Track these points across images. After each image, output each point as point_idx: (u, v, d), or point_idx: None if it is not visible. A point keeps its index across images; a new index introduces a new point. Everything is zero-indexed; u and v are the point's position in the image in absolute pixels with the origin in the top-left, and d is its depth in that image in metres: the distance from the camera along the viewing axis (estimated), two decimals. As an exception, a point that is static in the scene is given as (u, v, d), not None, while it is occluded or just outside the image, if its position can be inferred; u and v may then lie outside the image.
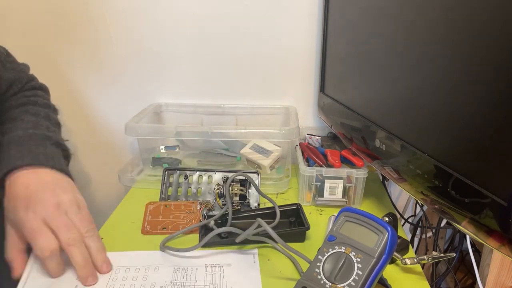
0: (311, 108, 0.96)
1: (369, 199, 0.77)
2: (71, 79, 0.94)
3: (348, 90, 0.77)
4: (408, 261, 0.55)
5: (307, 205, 0.75)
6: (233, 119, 0.96)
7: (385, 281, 0.53)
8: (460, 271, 0.92)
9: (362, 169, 0.71)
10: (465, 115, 0.43)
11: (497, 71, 0.38)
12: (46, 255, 0.50)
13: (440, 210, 0.48)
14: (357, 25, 0.70)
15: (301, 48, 0.90)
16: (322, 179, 0.72)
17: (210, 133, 0.77)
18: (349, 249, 0.46)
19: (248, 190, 0.72)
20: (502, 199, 0.38)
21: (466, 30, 0.42)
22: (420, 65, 0.51)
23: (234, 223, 0.65)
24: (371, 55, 0.65)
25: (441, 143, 0.48)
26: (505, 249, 0.39)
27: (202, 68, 0.93)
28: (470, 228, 0.44)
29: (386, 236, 0.45)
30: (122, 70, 0.93)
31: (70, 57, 0.92)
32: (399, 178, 0.58)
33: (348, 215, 0.49)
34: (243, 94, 0.95)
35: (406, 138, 0.55)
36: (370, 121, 0.65)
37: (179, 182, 0.74)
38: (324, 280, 0.45)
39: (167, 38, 0.90)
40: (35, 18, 0.89)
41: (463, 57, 0.43)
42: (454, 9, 0.44)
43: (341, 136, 0.81)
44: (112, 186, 1.03)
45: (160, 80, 0.95)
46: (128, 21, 0.89)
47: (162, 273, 0.54)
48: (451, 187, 0.45)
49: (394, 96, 0.59)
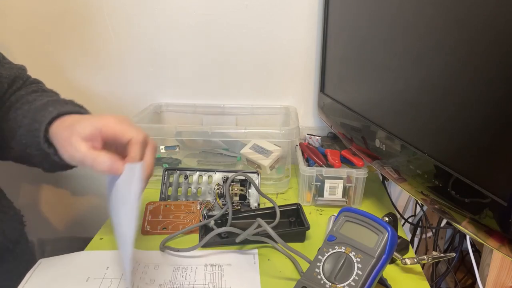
0: (311, 108, 0.96)
1: (369, 199, 0.77)
2: (71, 79, 0.94)
3: (348, 90, 0.77)
4: (408, 261, 0.55)
5: (307, 205, 0.75)
6: (233, 119, 0.96)
7: (385, 281, 0.53)
8: (460, 271, 0.92)
9: (362, 169, 0.71)
10: (465, 115, 0.43)
11: (496, 71, 0.38)
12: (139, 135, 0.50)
13: (440, 210, 0.48)
14: (357, 25, 0.70)
15: (301, 48, 0.90)
16: (322, 179, 0.72)
17: (210, 133, 0.77)
18: (349, 249, 0.46)
19: (248, 190, 0.72)
20: (502, 199, 0.38)
21: (466, 30, 0.42)
22: (419, 65, 0.51)
23: (234, 223, 0.65)
24: (371, 55, 0.65)
25: (441, 143, 0.48)
26: (505, 249, 0.39)
27: (202, 68, 0.93)
28: (470, 228, 0.44)
29: (386, 236, 0.45)
30: (122, 70, 0.93)
31: (70, 57, 0.92)
32: (399, 178, 0.58)
33: (348, 215, 0.49)
34: (243, 94, 0.95)
35: (406, 138, 0.55)
36: (370, 121, 0.65)
37: (179, 182, 0.74)
38: (324, 280, 0.45)
39: (167, 38, 0.90)
40: (35, 18, 0.89)
41: (463, 57, 0.43)
42: (453, 10, 0.44)
43: (341, 136, 0.81)
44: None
45: (160, 80, 0.95)
46: (128, 21, 0.89)
47: (162, 272, 0.54)
48: (451, 187, 0.45)
49: (394, 96, 0.59)
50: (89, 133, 0.49)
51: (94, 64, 0.93)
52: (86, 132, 0.49)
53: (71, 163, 0.53)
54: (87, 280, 0.53)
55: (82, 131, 0.49)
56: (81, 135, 0.49)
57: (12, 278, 0.53)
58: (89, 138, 0.49)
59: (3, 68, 0.61)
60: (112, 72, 0.94)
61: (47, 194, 1.06)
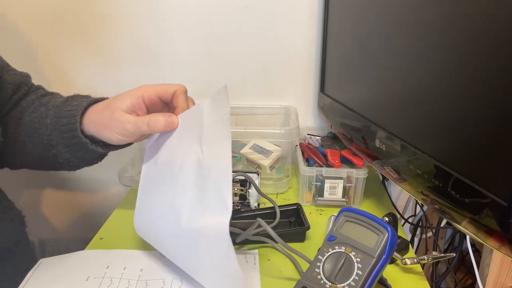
0: (311, 108, 0.96)
1: (369, 199, 0.77)
2: (71, 79, 0.94)
3: (348, 90, 0.77)
4: (408, 261, 0.55)
5: (307, 205, 0.75)
6: (233, 119, 0.96)
7: (385, 281, 0.53)
8: (460, 271, 0.92)
9: (362, 169, 0.71)
10: (465, 115, 0.43)
11: (496, 71, 0.38)
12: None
13: (440, 210, 0.48)
14: (357, 25, 0.70)
15: (301, 48, 0.90)
16: (322, 179, 0.72)
17: (210, 133, 0.77)
18: (349, 249, 0.46)
19: (248, 190, 0.71)
20: (502, 199, 0.38)
21: (466, 30, 0.42)
22: (419, 65, 0.51)
23: (234, 223, 0.65)
24: (371, 55, 0.65)
25: (441, 143, 0.48)
26: (505, 249, 0.39)
27: (202, 68, 0.93)
28: (470, 228, 0.44)
29: (386, 236, 0.45)
30: (122, 70, 0.93)
31: (70, 57, 0.92)
32: (399, 178, 0.58)
33: (348, 215, 0.49)
34: (243, 94, 0.95)
35: (406, 138, 0.55)
36: (370, 121, 0.65)
37: (179, 182, 0.74)
38: (324, 280, 0.45)
39: (167, 38, 0.90)
40: (34, 19, 0.89)
41: (463, 57, 0.43)
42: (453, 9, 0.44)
43: (341, 136, 0.81)
44: (112, 186, 1.03)
45: (160, 80, 0.94)
46: (128, 21, 0.89)
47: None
48: (451, 187, 0.45)
49: (394, 96, 0.59)
50: (130, 104, 0.51)
51: (94, 64, 0.93)
52: (128, 103, 0.51)
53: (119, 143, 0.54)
54: (87, 279, 0.53)
55: (123, 104, 0.51)
56: (122, 108, 0.50)
57: (13, 279, 0.53)
58: (131, 109, 0.51)
59: (8, 74, 0.61)
60: (112, 72, 0.94)
61: (47, 194, 1.06)
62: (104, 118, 0.52)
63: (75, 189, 1.06)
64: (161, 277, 0.53)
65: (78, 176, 1.03)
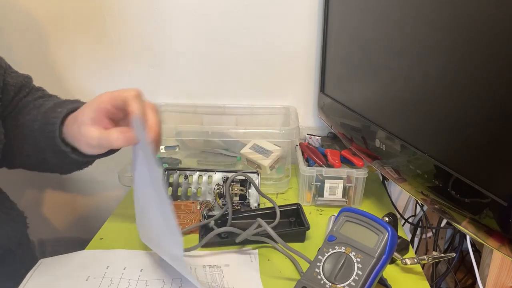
0: (311, 108, 0.96)
1: (369, 199, 0.77)
2: (71, 79, 0.94)
3: (348, 90, 0.77)
4: (408, 261, 0.55)
5: (307, 205, 0.75)
6: (233, 119, 0.96)
7: (385, 281, 0.53)
8: (460, 271, 0.92)
9: (362, 169, 0.71)
10: (465, 115, 0.43)
11: (496, 71, 0.38)
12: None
13: (440, 210, 0.48)
14: (357, 25, 0.70)
15: (301, 48, 0.90)
16: (322, 179, 0.72)
17: (210, 133, 0.77)
18: (349, 249, 0.46)
19: (248, 190, 0.71)
20: (502, 199, 0.38)
21: (466, 30, 0.42)
22: (419, 65, 0.51)
23: (234, 223, 0.65)
24: (371, 55, 0.65)
25: (441, 143, 0.48)
26: (505, 249, 0.39)
27: (202, 68, 0.93)
28: (470, 228, 0.44)
29: (386, 236, 0.45)
30: (122, 70, 0.93)
31: (70, 57, 0.92)
32: (399, 178, 0.58)
33: (348, 215, 0.49)
34: (243, 94, 0.95)
35: (406, 138, 0.55)
36: (370, 121, 0.65)
37: (179, 182, 0.74)
38: (324, 280, 0.45)
39: (167, 38, 0.90)
40: (34, 19, 0.89)
41: (463, 57, 0.43)
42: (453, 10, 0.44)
43: (341, 136, 0.81)
44: (112, 186, 1.03)
45: (160, 80, 0.95)
46: (128, 21, 0.89)
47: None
48: (451, 187, 0.45)
49: (394, 96, 0.59)
50: (91, 117, 0.49)
51: (94, 64, 0.93)
52: (89, 117, 0.49)
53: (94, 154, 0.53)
54: (87, 279, 0.53)
55: (85, 118, 0.49)
56: (85, 122, 0.49)
57: (14, 279, 0.53)
58: (95, 121, 0.49)
59: (10, 77, 0.62)
60: (112, 72, 0.93)
61: (47, 195, 1.06)
62: (74, 132, 0.51)
63: (75, 190, 1.06)
64: (161, 277, 0.53)
65: (78, 176, 1.03)
